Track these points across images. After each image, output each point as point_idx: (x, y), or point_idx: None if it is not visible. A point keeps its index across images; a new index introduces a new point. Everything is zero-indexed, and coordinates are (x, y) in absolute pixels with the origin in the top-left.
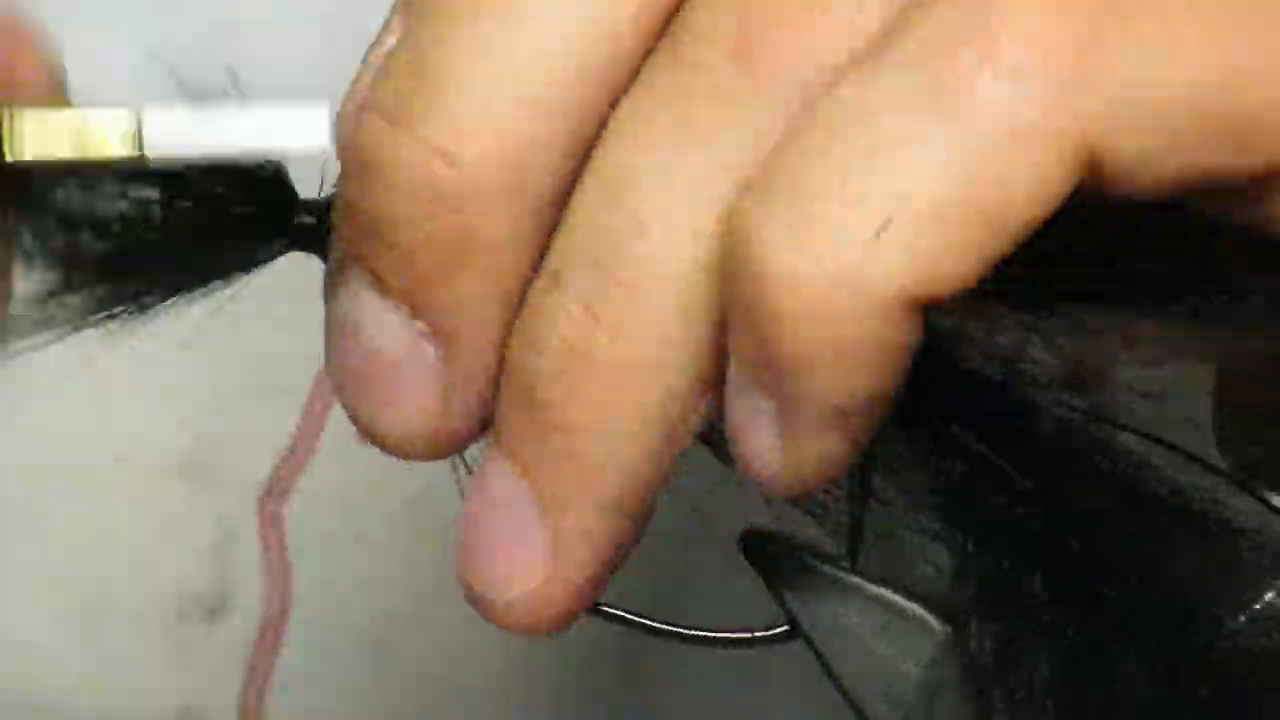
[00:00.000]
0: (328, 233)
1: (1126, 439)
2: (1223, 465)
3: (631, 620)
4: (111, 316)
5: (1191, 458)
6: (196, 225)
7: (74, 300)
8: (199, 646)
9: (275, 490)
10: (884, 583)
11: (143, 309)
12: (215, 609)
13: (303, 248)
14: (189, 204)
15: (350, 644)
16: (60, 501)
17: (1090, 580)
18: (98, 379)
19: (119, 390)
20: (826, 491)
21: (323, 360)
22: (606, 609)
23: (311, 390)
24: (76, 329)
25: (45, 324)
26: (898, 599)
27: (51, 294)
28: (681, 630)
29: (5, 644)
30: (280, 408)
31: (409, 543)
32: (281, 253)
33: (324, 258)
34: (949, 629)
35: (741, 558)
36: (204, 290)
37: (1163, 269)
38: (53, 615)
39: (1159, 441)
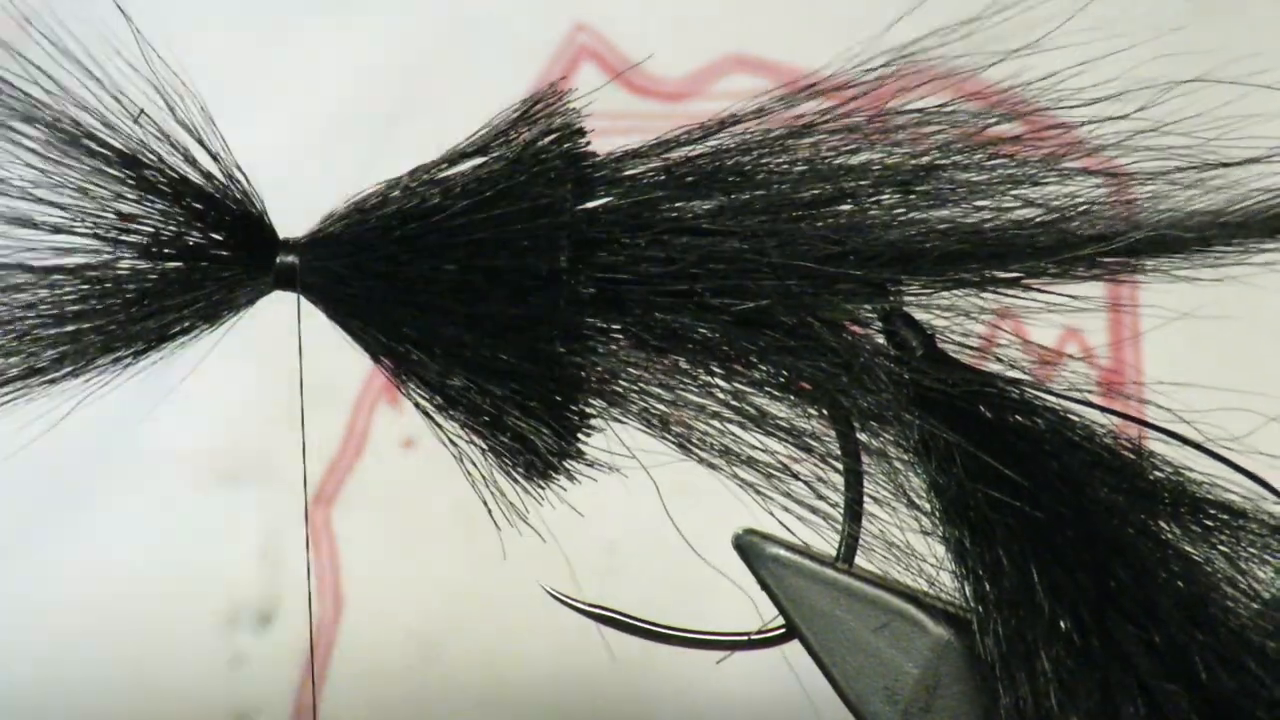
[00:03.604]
0: (310, 271)
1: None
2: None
3: (630, 623)
4: (106, 365)
5: (1192, 445)
6: (173, 272)
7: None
8: (252, 652)
9: (323, 496)
10: (880, 584)
11: (136, 356)
12: (268, 614)
13: (285, 287)
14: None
15: (399, 646)
16: (112, 509)
17: (1095, 573)
18: (148, 389)
19: (169, 401)
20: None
21: (367, 367)
22: (606, 612)
23: (357, 397)
24: (66, 379)
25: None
26: (894, 599)
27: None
28: (680, 633)
29: (59, 649)
30: (326, 416)
31: (454, 546)
32: (265, 293)
33: (308, 297)
34: (947, 628)
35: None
36: (190, 336)
37: None
38: (105, 623)
39: (1160, 430)
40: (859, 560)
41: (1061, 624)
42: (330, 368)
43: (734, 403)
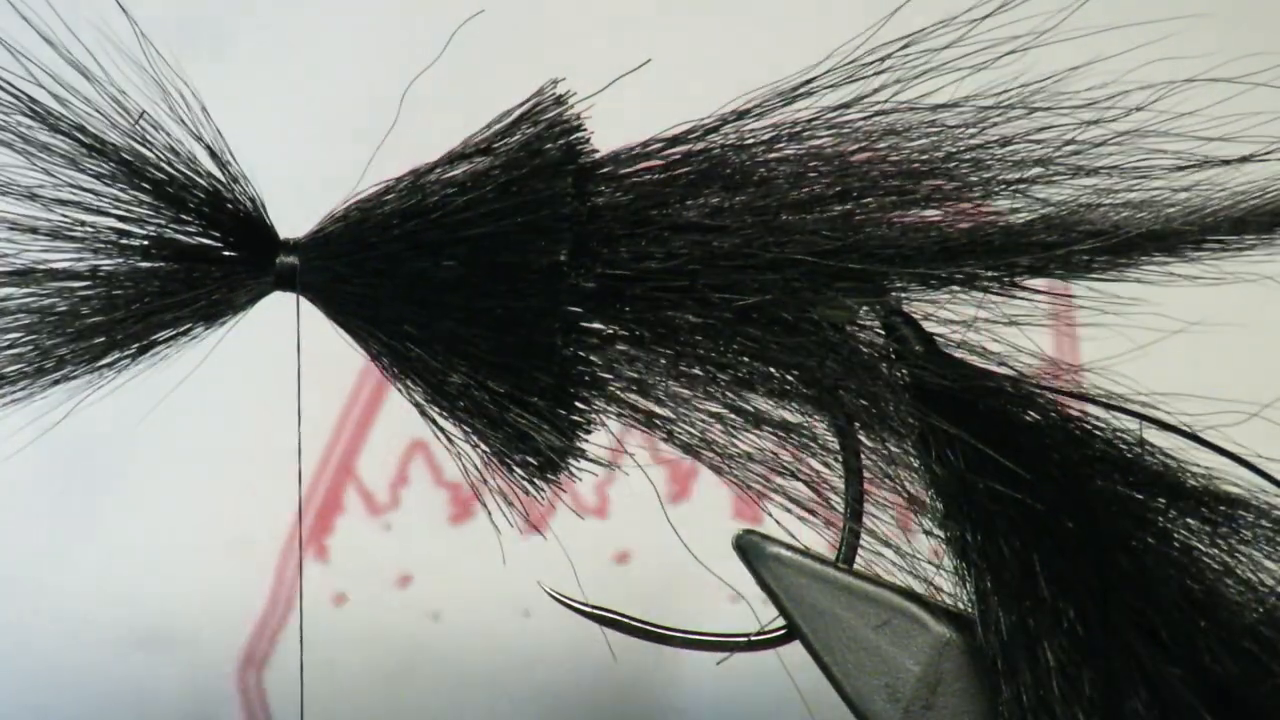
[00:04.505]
0: (310, 271)
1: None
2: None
3: (631, 625)
4: (105, 366)
5: (1192, 437)
6: (173, 273)
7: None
8: None
9: (254, 659)
10: (880, 582)
11: (135, 357)
12: None
13: (285, 287)
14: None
15: None
16: (31, 674)
17: (1098, 566)
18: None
19: (83, 562)
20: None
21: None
22: (606, 613)
23: (282, 549)
24: (60, 383)
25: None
26: (895, 597)
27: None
28: (680, 634)
29: None
30: (247, 572)
31: (391, 709)
32: (265, 293)
33: (307, 297)
34: (948, 625)
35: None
36: (189, 337)
37: None
38: None
39: (1157, 423)
40: (859, 561)
41: (1064, 614)
42: (250, 523)
43: (734, 401)
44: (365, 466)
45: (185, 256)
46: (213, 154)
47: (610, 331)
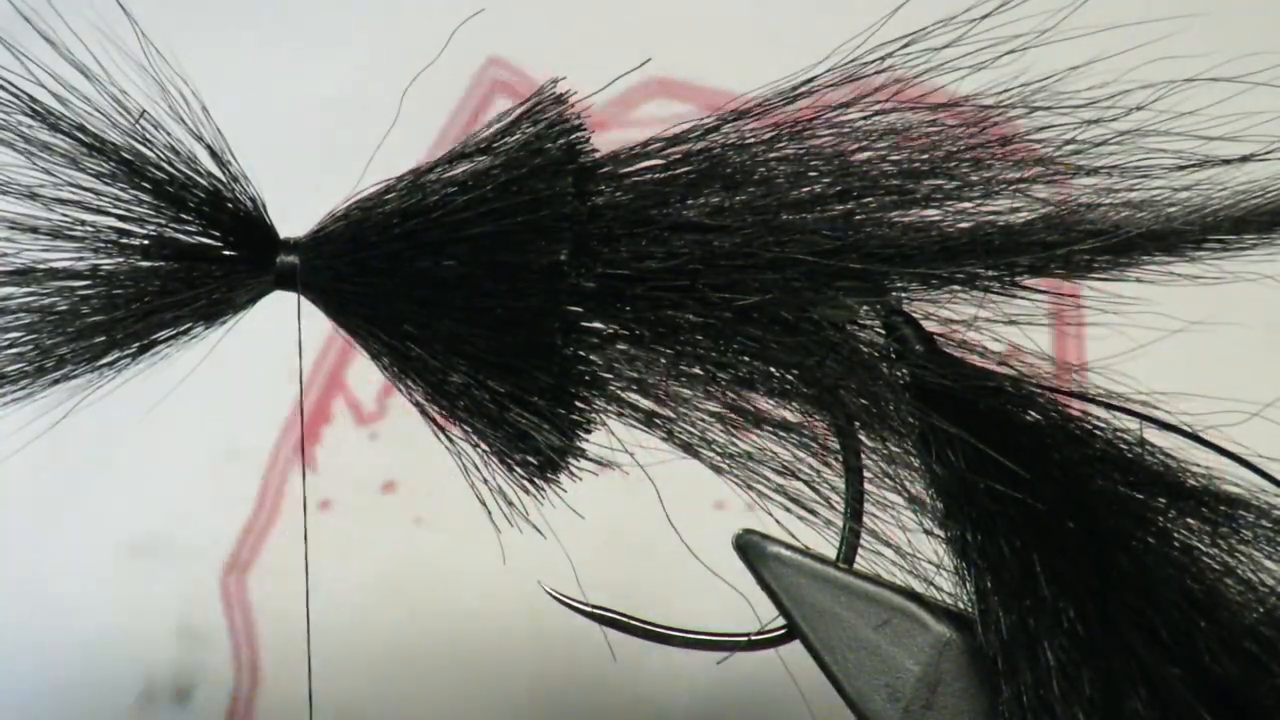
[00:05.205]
0: (311, 271)
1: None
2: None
3: (631, 625)
4: (105, 365)
5: (1192, 437)
6: (173, 273)
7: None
8: None
9: (237, 563)
10: (880, 582)
11: (135, 356)
12: (184, 688)
13: (285, 287)
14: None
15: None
16: (22, 586)
17: (1098, 566)
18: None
19: (81, 473)
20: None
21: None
22: (607, 613)
23: (269, 459)
24: (60, 382)
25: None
26: (895, 597)
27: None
28: (680, 634)
29: None
30: (238, 479)
31: (376, 614)
32: (266, 293)
33: (308, 296)
34: (948, 625)
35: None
36: (189, 336)
37: None
38: (21, 702)
39: (1157, 423)
40: (859, 561)
41: (1064, 614)
42: (241, 430)
43: (734, 401)
44: (354, 377)
45: (185, 256)
46: (213, 153)
47: (610, 331)
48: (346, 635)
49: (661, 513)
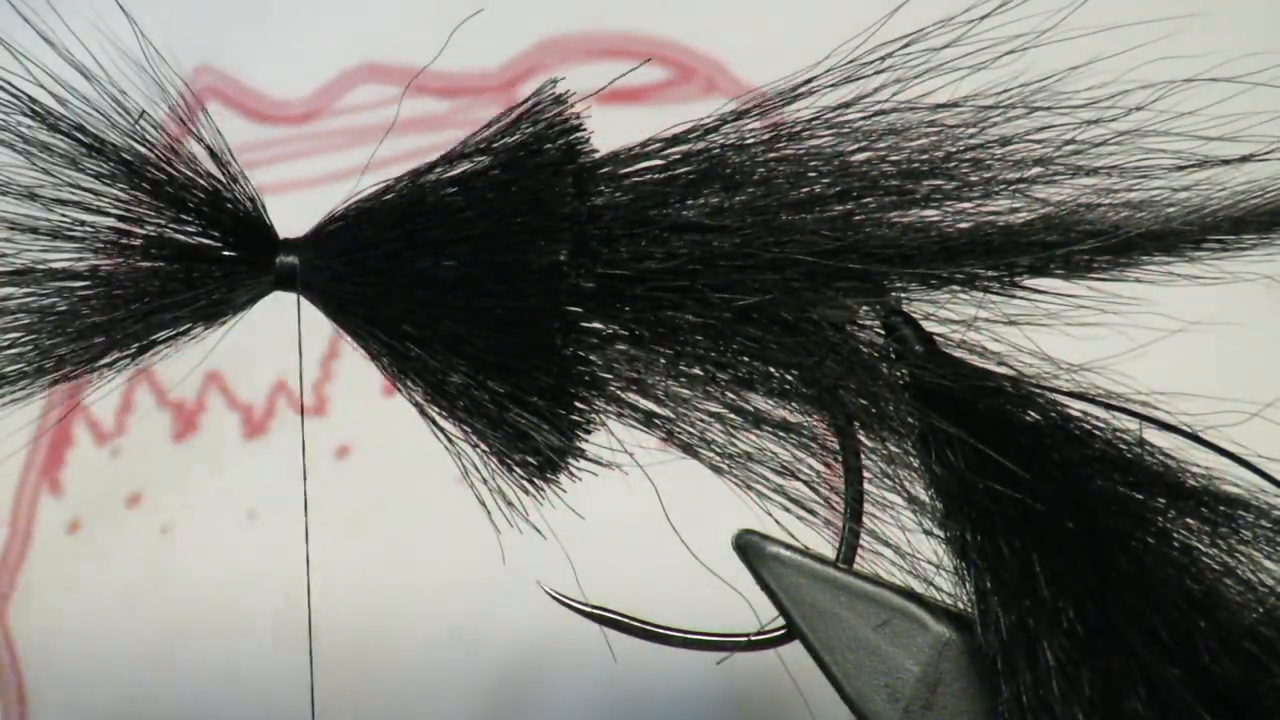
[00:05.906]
0: (310, 271)
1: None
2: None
3: (630, 624)
4: (104, 365)
5: (1192, 437)
6: (173, 273)
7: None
8: None
9: None
10: (880, 582)
11: (135, 355)
12: None
13: (285, 287)
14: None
15: None
16: None
17: (1098, 566)
18: None
19: None
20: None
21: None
22: (606, 613)
23: (16, 487)
24: (60, 382)
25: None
26: (895, 597)
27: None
28: (680, 634)
29: None
30: None
31: (133, 627)
32: (265, 293)
33: (308, 296)
34: (948, 625)
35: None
36: (189, 336)
37: None
38: None
39: (1157, 423)
40: (859, 561)
41: (1064, 614)
42: None
43: (734, 401)
44: (92, 398)
45: (185, 256)
46: (212, 154)
47: (610, 331)
48: (106, 645)
49: (661, 513)
